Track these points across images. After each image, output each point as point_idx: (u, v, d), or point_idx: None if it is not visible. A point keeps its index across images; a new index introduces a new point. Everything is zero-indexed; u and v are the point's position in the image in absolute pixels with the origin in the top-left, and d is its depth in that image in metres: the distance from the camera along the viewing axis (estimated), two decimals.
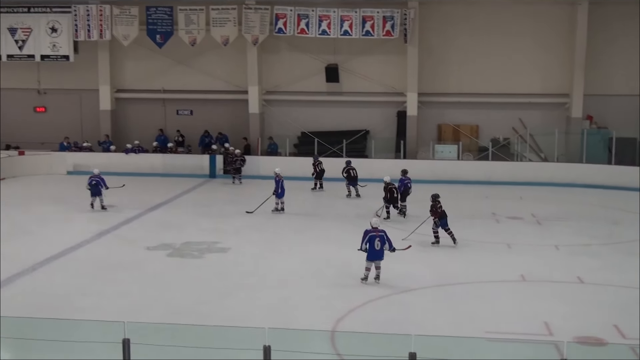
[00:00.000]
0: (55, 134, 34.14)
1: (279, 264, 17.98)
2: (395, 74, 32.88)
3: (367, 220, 21.58)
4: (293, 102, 33.68)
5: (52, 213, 23.89)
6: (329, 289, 15.93)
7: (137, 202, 25.56)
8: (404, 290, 15.76)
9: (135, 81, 34.48)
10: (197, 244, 19.70)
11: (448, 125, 32.92)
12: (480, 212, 24.65)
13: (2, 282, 16.04)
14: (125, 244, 19.92)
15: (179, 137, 33.66)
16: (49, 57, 33.18)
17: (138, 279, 16.57)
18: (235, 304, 14.84)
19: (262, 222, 22.78)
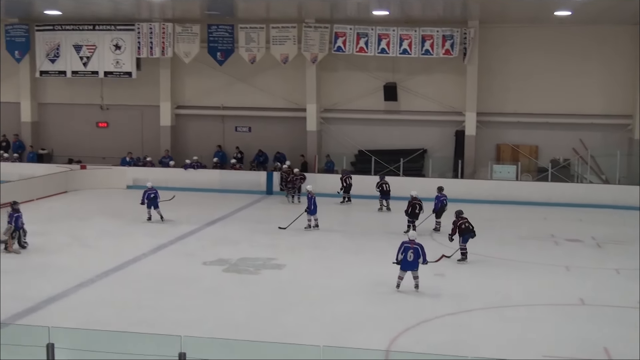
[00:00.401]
0: (117, 148, 34.76)
1: (333, 281, 17.94)
2: (454, 93, 32.71)
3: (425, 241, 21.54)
4: (351, 120, 33.71)
5: (112, 226, 24.24)
6: (383, 307, 15.86)
7: (194, 217, 25.79)
8: (459, 311, 15.59)
9: (195, 98, 34.92)
10: (253, 259, 19.79)
11: (507, 145, 32.59)
12: (539, 233, 24.30)
13: (61, 293, 16.32)
14: (182, 258, 20.09)
15: (237, 153, 33.93)
16: (112, 74, 33.80)
17: (194, 293, 16.69)
18: (290, 320, 14.85)
19: (317, 240, 22.79)
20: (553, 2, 25.48)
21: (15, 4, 29.95)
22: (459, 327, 14.74)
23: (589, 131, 31.87)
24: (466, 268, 19.40)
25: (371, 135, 33.50)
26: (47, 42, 33.90)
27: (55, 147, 35.88)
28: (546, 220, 26.76)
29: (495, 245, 22.23)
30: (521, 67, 32.28)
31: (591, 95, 31.81)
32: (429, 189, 30.39)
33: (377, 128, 33.59)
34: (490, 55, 32.13)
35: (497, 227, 25.42)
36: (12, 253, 19.90)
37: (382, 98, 33.07)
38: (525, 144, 32.56)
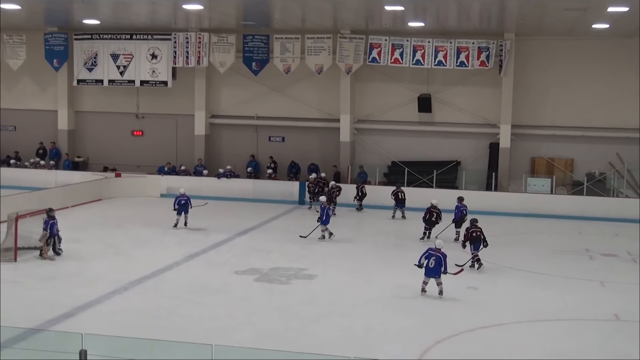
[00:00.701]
0: (151, 157, 35.05)
1: (365, 292, 17.90)
2: (489, 106, 32.56)
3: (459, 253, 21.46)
4: (384, 131, 33.67)
5: (145, 234, 24.41)
6: (415, 318, 15.79)
7: (226, 226, 25.90)
8: (491, 325, 15.47)
9: (230, 107, 35.11)
10: (285, 269, 19.80)
11: (542, 158, 32.35)
12: (573, 247, 24.07)
13: (94, 300, 16.45)
14: (214, 267, 20.17)
15: (271, 163, 34.03)
16: (148, 83, 34.09)
17: (226, 302, 16.74)
18: (321, 330, 14.83)
19: (348, 250, 22.77)
20: (591, 15, 25.26)
21: (56, 12, 30.35)
22: (491, 340, 14.62)
23: (625, 145, 31.52)
24: (499, 281, 19.26)
25: (405, 146, 33.43)
26: (85, 51, 34.30)
27: (91, 155, 36.25)
28: (581, 235, 26.51)
29: (529, 259, 22.05)
30: (557, 80, 32.05)
31: (628, 108, 31.44)
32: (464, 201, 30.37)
33: (411, 139, 33.51)
34: (526, 68, 31.94)
35: (532, 240, 25.23)
36: (47, 260, 20.11)
37: (416, 109, 32.98)
38: (560, 157, 32.29)
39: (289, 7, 27.04)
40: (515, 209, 29.97)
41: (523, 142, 32.32)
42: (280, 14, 28.92)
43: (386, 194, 29.73)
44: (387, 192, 29.83)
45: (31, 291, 17.10)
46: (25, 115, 36.50)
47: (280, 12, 28.69)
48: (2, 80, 36.36)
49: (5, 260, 19.62)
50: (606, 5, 23.07)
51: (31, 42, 34.69)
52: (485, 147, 32.87)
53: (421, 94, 32.84)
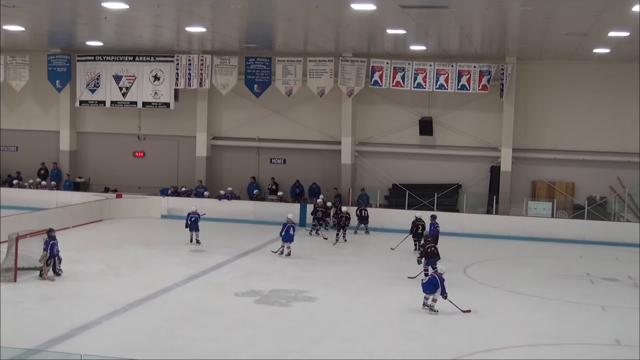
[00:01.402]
0: (152, 178, 35.09)
1: (366, 314, 17.83)
2: (490, 129, 32.59)
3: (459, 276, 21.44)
4: (385, 154, 33.71)
5: (145, 256, 24.36)
6: (416, 342, 15.70)
7: (227, 248, 25.86)
8: (493, 349, 15.39)
9: (231, 129, 35.16)
10: (285, 291, 19.74)
11: (543, 182, 32.34)
12: (574, 271, 24.02)
13: (94, 321, 16.38)
14: (214, 289, 20.10)
15: (272, 185, 34.03)
16: (150, 104, 34.17)
17: (225, 324, 16.67)
18: (321, 353, 14.75)
19: (349, 272, 22.72)
20: (591, 40, 25.35)
21: (59, 34, 30.47)
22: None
23: (626, 169, 31.51)
24: (500, 304, 19.19)
25: (406, 169, 33.45)
26: (88, 72, 34.42)
27: (92, 176, 36.25)
28: (582, 259, 26.46)
29: (530, 282, 21.99)
30: (558, 104, 32.12)
31: (629, 133, 31.47)
32: (463, 225, 30.42)
33: (412, 162, 33.53)
34: (527, 91, 32.02)
35: (532, 264, 25.18)
36: (47, 280, 20.05)
37: (418, 132, 33.02)
38: (561, 181, 32.29)
39: (292, 30, 27.15)
40: (516, 233, 29.92)
41: (524, 165, 32.33)
42: (283, 37, 29.04)
43: (389, 217, 29.78)
44: (389, 215, 29.88)
45: (31, 312, 17.04)
46: (28, 136, 36.55)
47: (283, 35, 28.80)
48: (5, 101, 36.50)
49: (5, 281, 19.56)
50: (607, 30, 23.15)
51: (34, 63, 34.81)
52: (486, 170, 32.88)
53: (422, 117, 32.89)
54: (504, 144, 31.92)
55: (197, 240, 26.37)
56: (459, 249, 27.01)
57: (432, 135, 33.01)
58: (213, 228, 29.14)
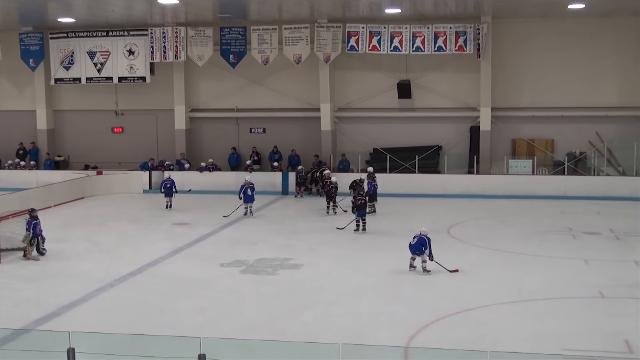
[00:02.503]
0: (132, 153, 34.96)
1: (352, 279, 17.96)
2: (468, 90, 32.65)
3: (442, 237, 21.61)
4: (365, 119, 33.73)
5: (129, 231, 24.36)
6: (402, 304, 15.85)
7: (210, 219, 25.90)
8: (478, 307, 15.56)
9: (209, 100, 35.04)
10: (270, 260, 19.83)
11: (522, 140, 32.49)
12: (556, 227, 24.22)
13: (81, 298, 16.42)
14: (199, 261, 20.16)
15: (254, 155, 33.99)
16: (126, 79, 33.94)
17: (213, 295, 16.74)
18: (309, 320, 14.86)
19: (334, 238, 22.81)
20: None
21: (30, 12, 30.13)
22: (477, 322, 14.70)
23: (604, 123, 31.73)
24: (484, 263, 19.36)
25: (386, 133, 33.50)
26: (61, 50, 34.10)
27: (71, 154, 36.09)
28: (563, 214, 26.68)
29: (512, 240, 22.18)
30: (535, 61, 32.18)
31: (606, 87, 31.66)
32: (445, 185, 30.59)
33: (392, 126, 33.59)
34: (503, 50, 32.05)
35: (514, 221, 25.37)
36: (31, 260, 20.03)
37: (396, 96, 33.04)
38: (540, 138, 32.45)
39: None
40: (498, 191, 30.12)
41: (503, 124, 32.45)
42: (257, 5, 28.87)
43: None
44: None
45: (16, 292, 17.03)
46: (4, 117, 36.21)
47: (257, 4, 28.64)
48: None
49: None
50: None
51: (6, 42, 34.39)
52: (466, 130, 32.98)
53: (400, 81, 32.89)
54: (482, 103, 32.01)
55: (170, 205, 27.75)
56: (441, 210, 27.18)
57: (410, 98, 33.04)
58: (195, 200, 29.17)
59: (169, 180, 28.30)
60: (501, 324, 14.55)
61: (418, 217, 25.01)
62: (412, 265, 18.43)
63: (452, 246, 21.17)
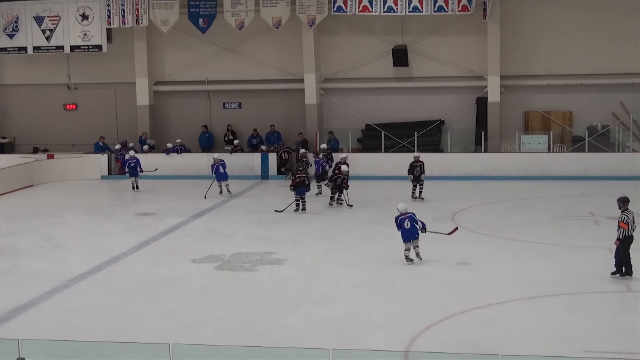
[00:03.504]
0: (88, 134, 34.71)
1: (344, 275, 17.95)
2: (474, 56, 32.64)
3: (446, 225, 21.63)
4: (356, 91, 33.68)
5: (86, 223, 24.29)
6: (401, 303, 15.86)
7: (179, 208, 25.87)
8: (488, 304, 15.60)
9: (176, 72, 34.89)
10: (249, 255, 19.80)
11: (536, 112, 32.53)
12: (576, 212, 24.31)
13: (32, 301, 16.35)
14: (167, 256, 20.11)
15: (229, 134, 33.92)
16: (80, 48, 33.68)
17: (183, 296, 16.71)
18: (294, 322, 14.86)
19: (321, 228, 22.83)
20: None
21: None
22: (488, 321, 14.74)
23: (630, 92, 31.77)
24: (494, 254, 19.41)
25: (380, 107, 33.46)
26: (4, 15, 33.80)
27: (18, 135, 35.89)
28: (584, 197, 26.75)
29: (527, 227, 22.23)
30: (551, 23, 32.18)
31: (631, 52, 31.62)
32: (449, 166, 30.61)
33: (387, 98, 33.56)
34: (514, 10, 32.04)
35: (529, 206, 25.44)
36: None
37: (391, 64, 33.02)
38: (557, 110, 32.49)
39: None
40: (509, 172, 30.18)
41: (514, 95, 32.47)
42: None
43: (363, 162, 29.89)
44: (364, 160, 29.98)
45: None
46: None
47: None
48: None
49: None
50: None
51: None
52: (471, 102, 33.00)
53: (396, 46, 32.84)
54: (490, 71, 32.00)
55: (136, 186, 29.00)
56: (445, 194, 27.22)
57: (407, 66, 33.01)
58: (162, 186, 29.11)
59: (133, 158, 29.05)
60: (514, 324, 14.58)
61: (417, 203, 25.02)
62: (409, 258, 18.49)
63: (457, 235, 21.17)
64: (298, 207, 24.80)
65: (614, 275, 17.05)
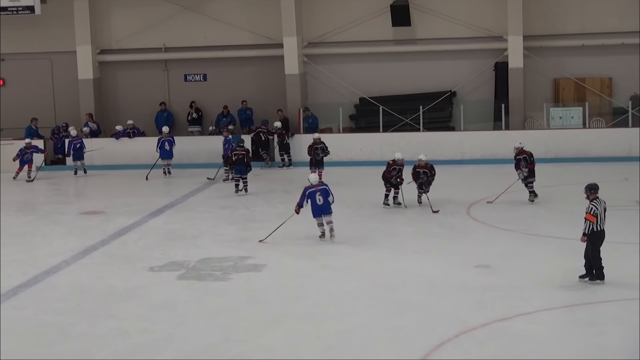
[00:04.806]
0: (18, 115, 34.61)
1: (335, 283, 17.93)
2: (491, 11, 32.71)
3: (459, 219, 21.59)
4: (346, 58, 33.70)
5: (18, 225, 24.21)
6: (406, 316, 15.82)
7: (133, 205, 25.85)
8: (513, 315, 15.57)
9: (126, 38, 34.84)
10: (220, 260, 19.76)
11: (568, 79, 32.57)
12: (619, 200, 24.27)
13: None
14: (119, 264, 20.04)
15: (193, 112, 33.85)
16: (7, 10, 33.47)
17: (139, 312, 16.64)
18: (277, 341, 14.80)
19: (307, 227, 22.75)
20: None
21: None
22: (514, 336, 14.70)
23: None
24: (520, 254, 19.39)
25: (377, 76, 33.51)
26: None
27: None
28: (629, 182, 26.77)
29: (558, 221, 22.24)
30: None
31: None
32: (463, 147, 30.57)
33: (385, 66, 33.60)
34: None
35: (561, 194, 25.44)
36: None
37: (390, 24, 33.01)
38: (594, 77, 32.56)
39: None
40: (535, 153, 30.01)
41: (541, 58, 32.52)
42: None
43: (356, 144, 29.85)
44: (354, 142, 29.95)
45: None
46: None
47: None
48: None
49: None
50: None
51: None
52: (489, 69, 33.07)
53: (395, 1, 32.82)
54: (511, 30, 32.02)
55: (84, 170, 30.64)
56: (458, 182, 27.23)
57: (410, 26, 33.04)
58: (111, 178, 28.99)
59: (77, 139, 30.68)
60: (547, 339, 14.55)
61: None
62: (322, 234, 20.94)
63: (473, 232, 21.17)
64: (238, 188, 26.62)
65: (582, 279, 17.07)
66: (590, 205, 16.94)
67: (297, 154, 31.32)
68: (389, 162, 24.86)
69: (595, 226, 16.88)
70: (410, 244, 20.29)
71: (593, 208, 16.86)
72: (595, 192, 17.10)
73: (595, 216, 16.82)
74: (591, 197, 17.06)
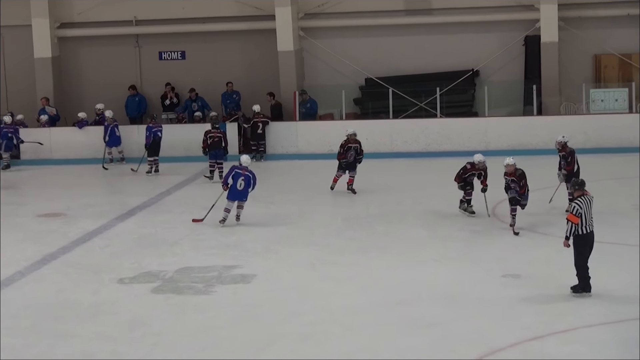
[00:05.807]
0: None
1: (336, 296, 18.01)
2: None
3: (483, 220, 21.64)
4: (350, 31, 33.75)
5: None
6: (421, 335, 15.87)
7: (99, 206, 25.92)
8: (547, 334, 15.62)
9: (90, 10, 34.87)
10: (202, 270, 19.83)
11: (611, 55, 32.60)
12: None
13: None
14: (83, 275, 20.11)
15: (171, 96, 33.88)
16: None
17: (107, 330, 16.68)
18: None
19: (302, 229, 22.87)
20: None
21: None
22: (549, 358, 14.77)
23: None
24: (554, 261, 19.38)
25: (386, 53, 33.59)
26: None
27: None
28: None
29: (599, 223, 22.15)
30: None
31: None
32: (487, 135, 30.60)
33: (396, 41, 33.66)
34: None
35: (603, 191, 25.42)
36: None
37: None
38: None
39: None
40: (573, 142, 30.04)
41: (579, 31, 32.56)
42: None
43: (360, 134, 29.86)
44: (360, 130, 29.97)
45: None
46: None
47: None
48: None
49: None
50: None
51: None
52: (518, 44, 33.09)
53: None
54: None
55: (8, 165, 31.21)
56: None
57: None
58: (73, 174, 29.03)
59: (9, 127, 30.51)
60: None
61: (441, 191, 25.02)
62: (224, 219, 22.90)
63: (499, 235, 21.23)
64: (212, 175, 28.53)
65: (575, 293, 17.27)
66: (574, 204, 16.96)
67: (291, 145, 31.30)
68: (467, 165, 24.02)
69: (580, 229, 16.86)
70: (425, 250, 20.34)
71: (576, 207, 16.86)
72: (580, 189, 17.08)
73: (579, 217, 16.77)
74: (576, 195, 17.07)
